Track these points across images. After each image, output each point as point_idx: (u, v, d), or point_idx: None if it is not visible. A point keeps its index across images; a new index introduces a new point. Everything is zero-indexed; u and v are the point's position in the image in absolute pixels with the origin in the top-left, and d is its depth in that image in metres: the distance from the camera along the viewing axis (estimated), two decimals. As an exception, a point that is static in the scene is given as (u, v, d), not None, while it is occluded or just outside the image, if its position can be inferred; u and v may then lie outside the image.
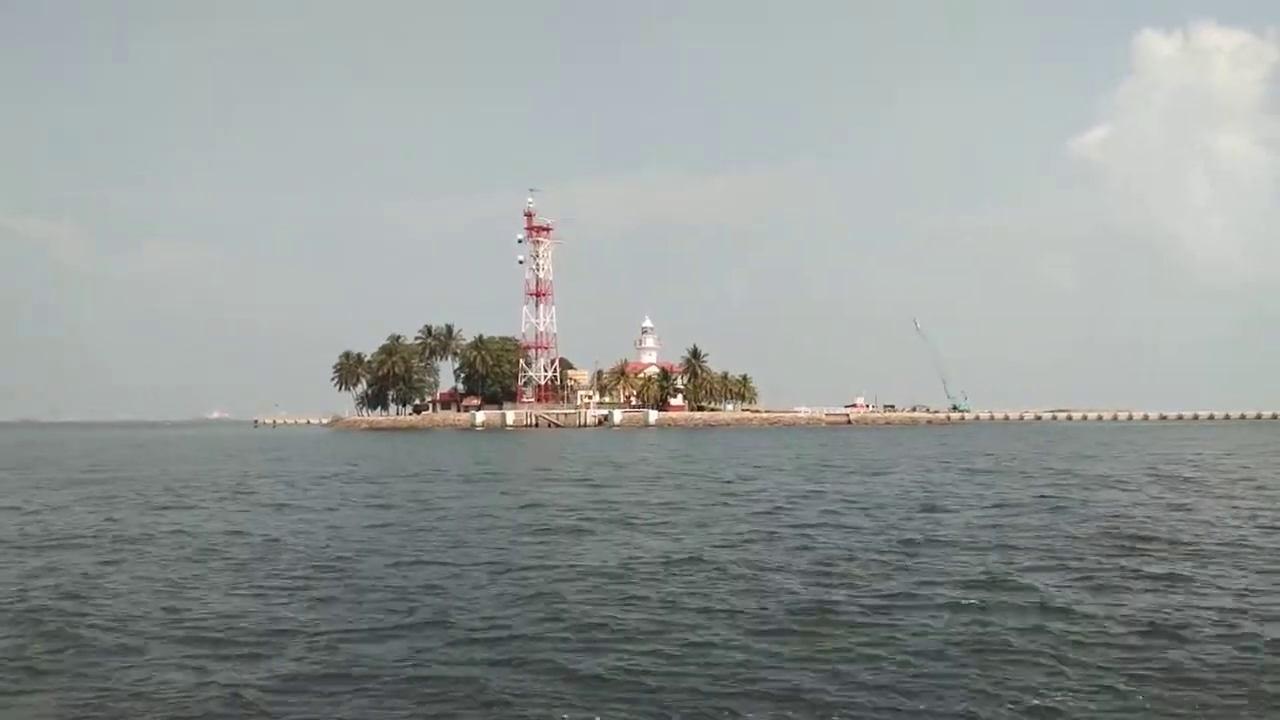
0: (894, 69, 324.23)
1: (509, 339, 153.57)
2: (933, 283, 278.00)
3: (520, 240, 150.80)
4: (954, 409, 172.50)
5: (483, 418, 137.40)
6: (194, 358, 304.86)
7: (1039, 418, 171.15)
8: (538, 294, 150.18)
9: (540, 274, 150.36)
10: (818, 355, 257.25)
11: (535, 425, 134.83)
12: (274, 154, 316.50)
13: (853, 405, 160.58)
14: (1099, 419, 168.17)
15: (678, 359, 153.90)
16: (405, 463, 49.63)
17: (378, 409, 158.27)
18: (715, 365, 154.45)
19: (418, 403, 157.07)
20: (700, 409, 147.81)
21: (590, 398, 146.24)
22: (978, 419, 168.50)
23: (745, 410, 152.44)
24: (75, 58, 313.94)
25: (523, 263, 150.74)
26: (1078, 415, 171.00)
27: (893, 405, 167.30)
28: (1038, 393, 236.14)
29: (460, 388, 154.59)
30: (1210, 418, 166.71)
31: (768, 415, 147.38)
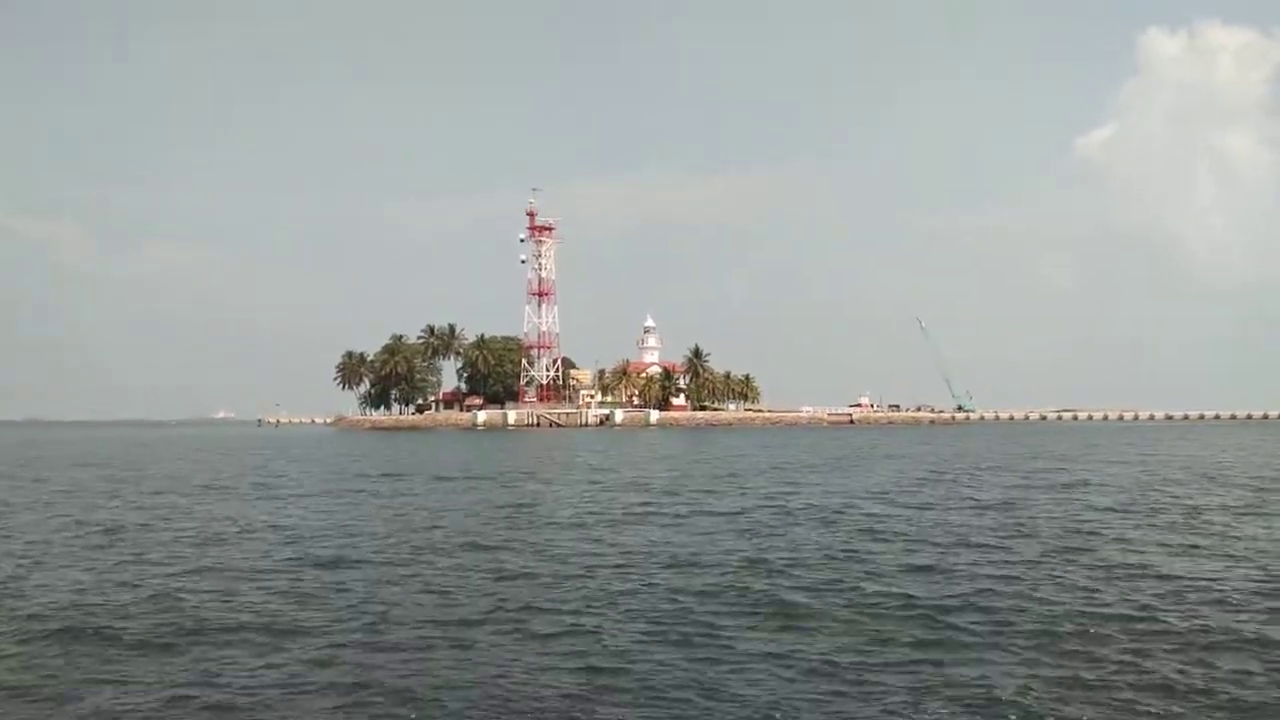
0: (895, 69, 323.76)
1: (511, 338, 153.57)
2: (935, 282, 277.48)
3: (522, 240, 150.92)
4: (959, 409, 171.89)
5: (484, 417, 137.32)
6: (198, 357, 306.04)
7: (1044, 417, 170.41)
8: (540, 293, 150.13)
9: (542, 273, 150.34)
10: (821, 355, 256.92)
11: (537, 425, 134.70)
12: (275, 154, 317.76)
13: (857, 405, 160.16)
14: (1104, 419, 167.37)
15: (680, 359, 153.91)
16: (380, 460, 49.47)
17: (380, 408, 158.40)
18: (718, 365, 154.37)
19: (420, 402, 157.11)
20: (703, 409, 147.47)
21: (592, 397, 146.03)
22: (982, 419, 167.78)
23: (748, 410, 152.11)
24: (75, 58, 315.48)
25: (525, 262, 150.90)
26: (1083, 415, 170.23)
27: (898, 405, 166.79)
28: (1040, 393, 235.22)
29: (463, 387, 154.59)
30: (1216, 418, 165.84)
31: (770, 415, 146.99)
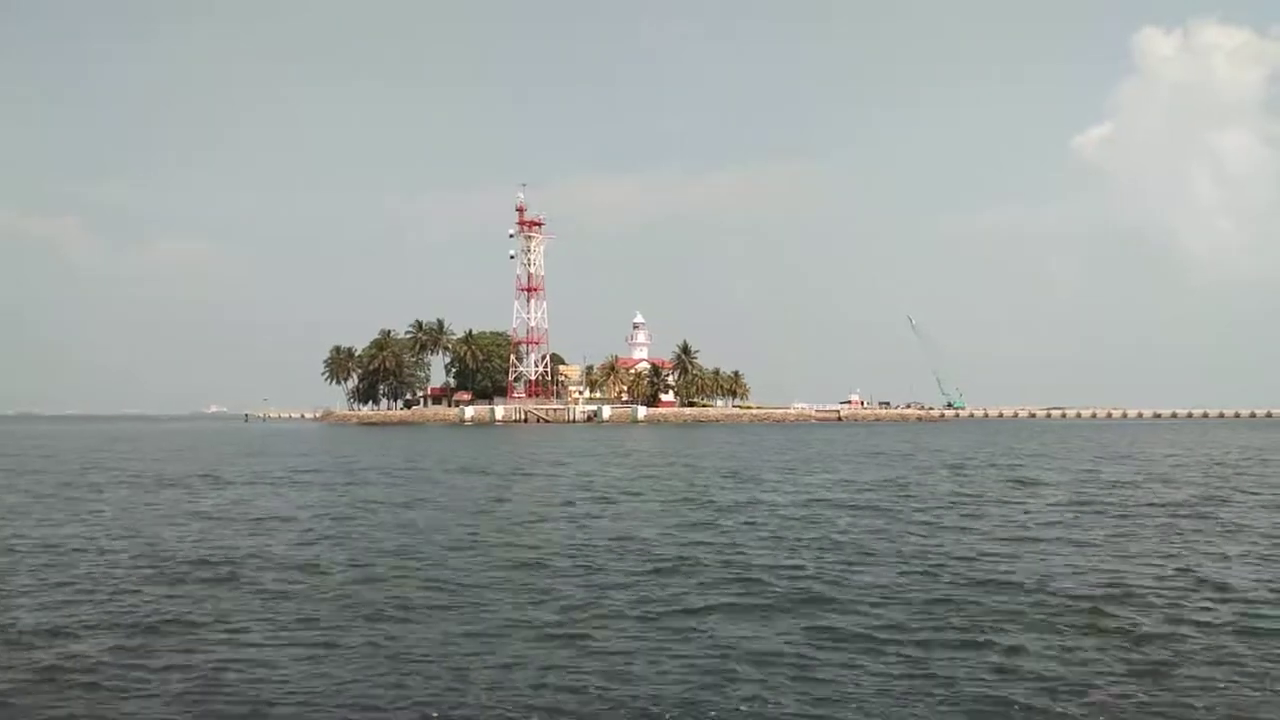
0: (896, 70, 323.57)
1: (500, 334, 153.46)
2: (934, 280, 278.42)
3: (512, 235, 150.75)
4: (949, 406, 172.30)
5: (472, 413, 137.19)
6: (192, 353, 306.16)
7: (1033, 415, 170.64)
8: (529, 289, 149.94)
9: (532, 269, 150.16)
10: (818, 353, 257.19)
11: (524, 420, 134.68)
12: (270, 153, 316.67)
13: (847, 402, 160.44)
14: (1093, 417, 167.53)
15: (672, 355, 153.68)
16: (347, 456, 49.54)
17: (369, 403, 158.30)
18: (714, 362, 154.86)
19: (409, 397, 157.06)
20: (691, 405, 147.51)
21: (581, 393, 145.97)
22: (971, 416, 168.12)
23: (736, 407, 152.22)
24: (75, 58, 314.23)
25: (514, 258, 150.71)
26: (1071, 413, 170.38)
27: (888, 402, 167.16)
28: (1040, 390, 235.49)
29: (451, 383, 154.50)
30: (1204, 415, 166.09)
31: (757, 412, 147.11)
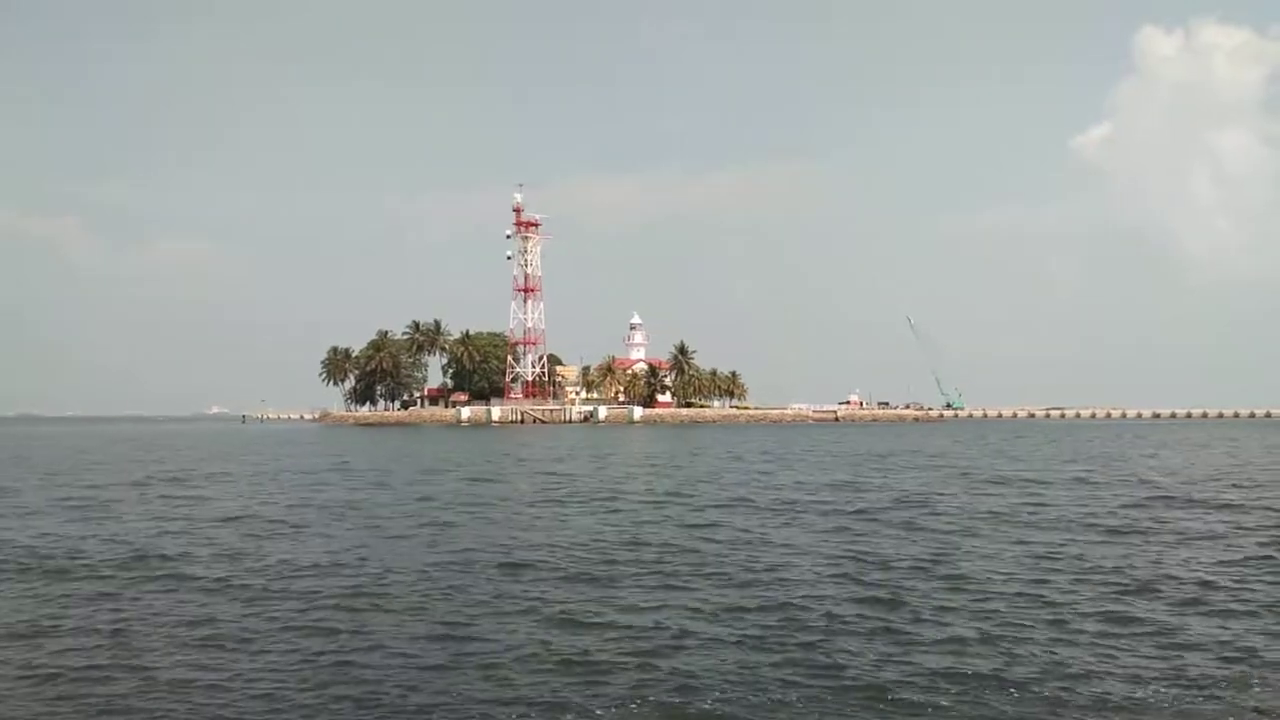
0: (895, 70, 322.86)
1: (497, 335, 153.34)
2: (934, 281, 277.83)
3: (509, 236, 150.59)
4: (947, 406, 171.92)
5: (468, 413, 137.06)
6: (191, 353, 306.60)
7: (1032, 415, 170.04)
8: (526, 290, 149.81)
9: (529, 269, 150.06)
10: (817, 353, 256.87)
11: (521, 421, 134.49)
12: (270, 153, 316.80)
13: (846, 403, 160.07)
14: (1092, 417, 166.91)
15: (670, 356, 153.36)
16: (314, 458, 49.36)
17: (366, 404, 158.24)
18: (713, 362, 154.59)
19: (406, 398, 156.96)
20: (689, 406, 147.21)
21: (577, 394, 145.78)
22: (970, 416, 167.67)
23: (734, 407, 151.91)
24: (75, 58, 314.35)
25: (511, 258, 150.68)
26: (1070, 413, 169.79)
27: (887, 403, 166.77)
28: (1041, 390, 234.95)
29: (448, 383, 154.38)
30: (1204, 416, 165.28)
31: (754, 413, 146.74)
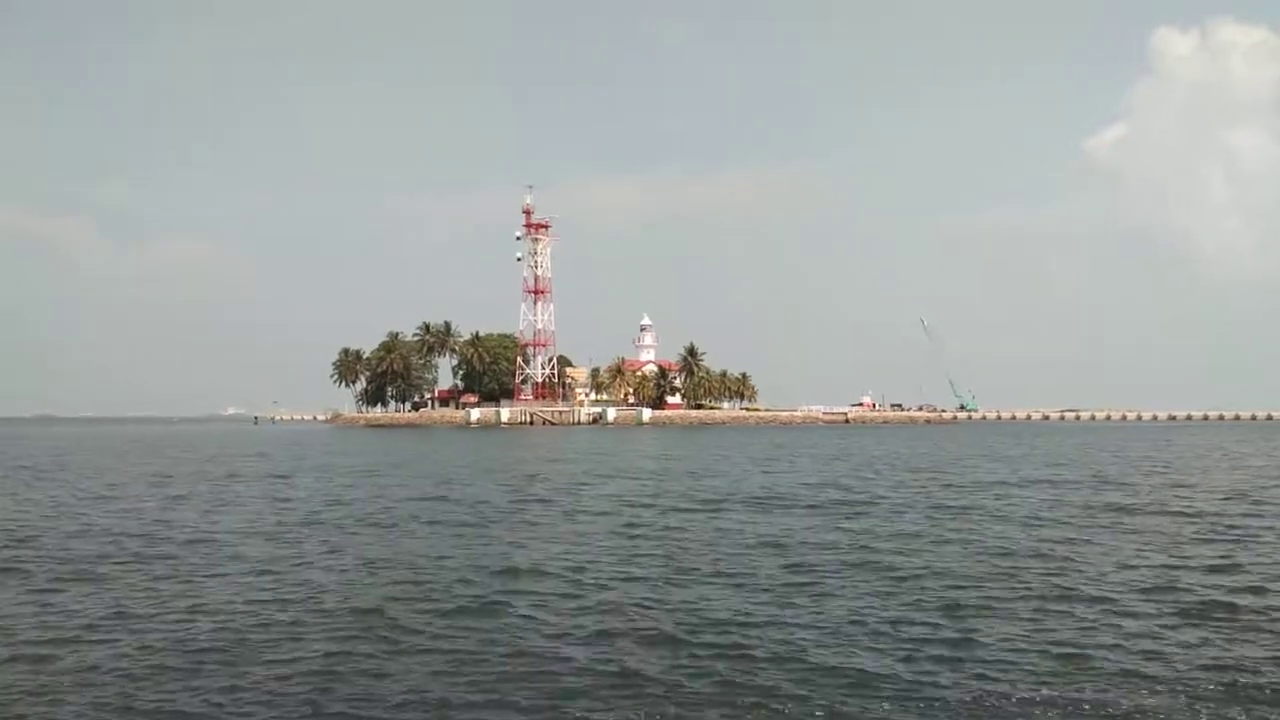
0: (907, 69, 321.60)
1: (507, 336, 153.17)
2: (947, 282, 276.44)
3: (519, 237, 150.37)
4: (961, 409, 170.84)
5: (478, 415, 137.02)
6: (200, 354, 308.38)
7: (1046, 417, 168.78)
8: (536, 291, 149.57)
9: (539, 271, 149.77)
10: (829, 355, 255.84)
11: (530, 423, 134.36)
12: (270, 153, 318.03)
13: (859, 404, 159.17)
14: (1106, 419, 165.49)
15: (679, 357, 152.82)
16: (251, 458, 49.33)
17: (378, 405, 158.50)
18: (721, 363, 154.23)
19: (416, 400, 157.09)
20: (699, 407, 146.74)
21: (587, 395, 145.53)
22: (984, 418, 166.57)
23: (744, 409, 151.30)
24: (75, 58, 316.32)
25: (521, 260, 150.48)
26: (1085, 415, 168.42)
27: (900, 405, 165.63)
28: (1049, 392, 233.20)
29: (459, 385, 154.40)
30: (1220, 418, 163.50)
31: (763, 414, 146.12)
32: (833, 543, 18.11)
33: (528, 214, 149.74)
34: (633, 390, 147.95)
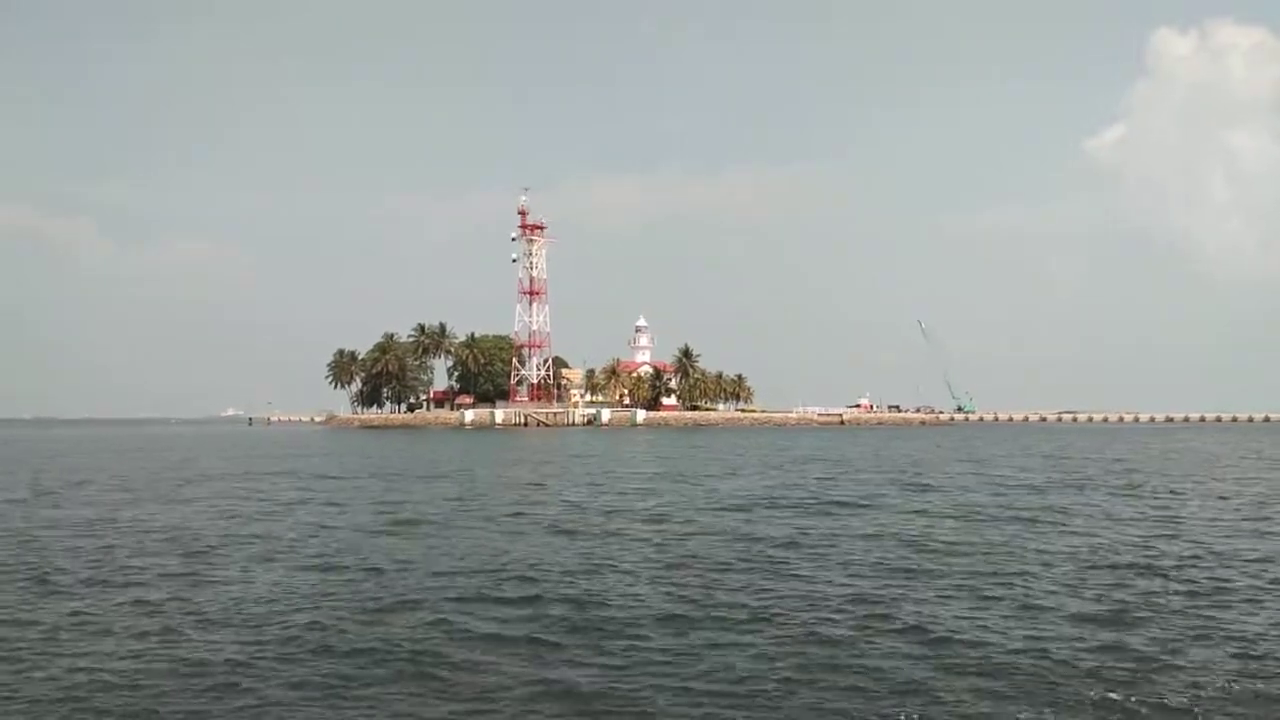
0: (903, 70, 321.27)
1: (502, 337, 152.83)
2: (947, 282, 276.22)
3: (514, 239, 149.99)
4: (959, 410, 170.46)
5: (472, 416, 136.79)
6: (198, 355, 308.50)
7: (1044, 419, 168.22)
8: (531, 292, 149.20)
9: (534, 272, 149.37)
10: (827, 356, 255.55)
11: (524, 424, 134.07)
12: (269, 153, 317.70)
13: (857, 405, 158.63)
14: (1104, 420, 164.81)
15: (673, 358, 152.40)
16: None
17: (373, 407, 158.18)
18: (719, 364, 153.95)
19: (411, 401, 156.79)
20: (694, 409, 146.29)
21: (582, 396, 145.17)
22: (981, 420, 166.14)
23: (739, 410, 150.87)
24: (75, 58, 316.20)
25: (516, 261, 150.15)
26: (1083, 417, 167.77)
27: (898, 406, 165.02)
28: (1052, 393, 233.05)
29: (454, 386, 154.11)
30: (1218, 420, 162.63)
31: (758, 416, 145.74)
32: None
33: (523, 215, 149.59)
34: (628, 391, 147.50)
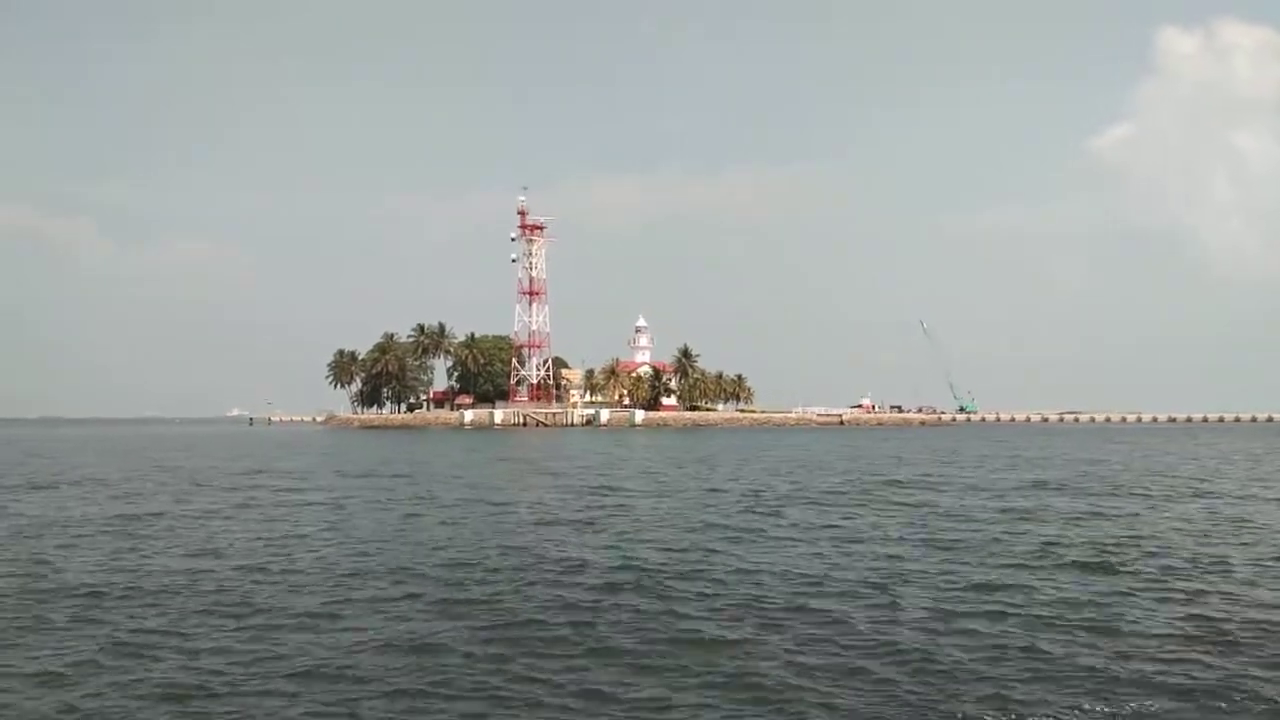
0: (906, 70, 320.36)
1: (502, 337, 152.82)
2: (947, 282, 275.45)
3: (513, 239, 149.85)
4: (960, 410, 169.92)
5: (471, 416, 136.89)
6: (198, 354, 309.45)
7: (1045, 420, 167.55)
8: (531, 293, 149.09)
9: (534, 273, 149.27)
10: (828, 356, 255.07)
11: (523, 424, 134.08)
12: (269, 153, 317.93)
13: (858, 406, 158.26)
14: (1106, 421, 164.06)
15: (673, 358, 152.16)
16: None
17: (373, 407, 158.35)
18: (726, 365, 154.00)
19: (411, 401, 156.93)
20: (694, 409, 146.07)
21: (581, 397, 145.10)
22: (983, 420, 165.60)
23: (739, 410, 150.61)
24: (75, 58, 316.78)
25: (515, 261, 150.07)
26: (1085, 417, 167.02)
27: (899, 406, 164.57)
28: (1053, 393, 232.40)
29: (454, 386, 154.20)
30: (1221, 420, 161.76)
31: (758, 416, 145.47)
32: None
33: (522, 215, 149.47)
34: (627, 392, 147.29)
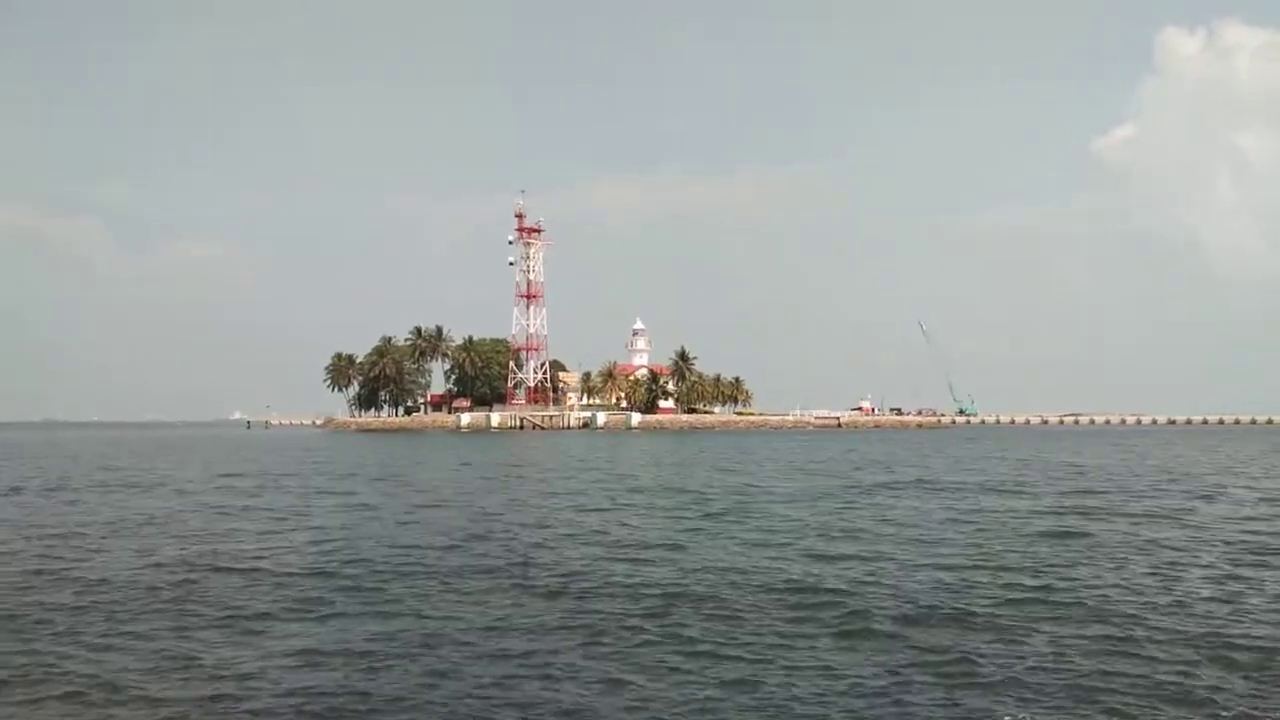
0: (909, 70, 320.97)
1: (499, 340, 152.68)
2: (947, 282, 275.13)
3: (511, 242, 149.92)
4: (960, 412, 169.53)
5: (468, 420, 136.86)
6: (198, 356, 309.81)
7: (1045, 421, 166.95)
8: (528, 296, 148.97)
9: (531, 276, 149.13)
10: (828, 359, 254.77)
11: (520, 427, 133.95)
12: (269, 153, 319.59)
13: (857, 408, 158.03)
14: (1106, 423, 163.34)
15: (670, 361, 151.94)
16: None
17: (371, 410, 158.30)
18: (719, 366, 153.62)
19: (409, 404, 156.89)
20: (692, 411, 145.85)
21: (578, 400, 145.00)
22: (984, 422, 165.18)
23: (736, 413, 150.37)
24: (75, 58, 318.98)
25: (513, 264, 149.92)
26: (1085, 419, 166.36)
27: (899, 409, 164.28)
28: (1054, 394, 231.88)
29: (452, 389, 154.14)
30: (1220, 422, 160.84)
31: (754, 419, 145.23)
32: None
33: (520, 218, 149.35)
34: (625, 394, 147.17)
